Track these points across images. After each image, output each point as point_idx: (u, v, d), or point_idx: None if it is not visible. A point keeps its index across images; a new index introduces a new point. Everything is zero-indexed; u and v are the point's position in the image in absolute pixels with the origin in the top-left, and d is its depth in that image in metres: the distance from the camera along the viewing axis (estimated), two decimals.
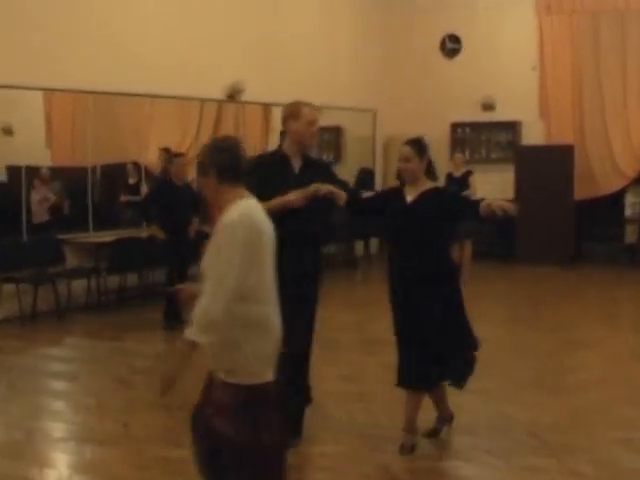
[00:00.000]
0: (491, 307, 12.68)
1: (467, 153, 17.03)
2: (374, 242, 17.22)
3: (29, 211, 11.91)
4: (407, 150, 6.07)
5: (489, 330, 10.99)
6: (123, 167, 13.58)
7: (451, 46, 17.51)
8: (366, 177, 17.27)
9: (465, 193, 14.14)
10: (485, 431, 6.67)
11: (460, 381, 6.32)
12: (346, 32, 16.92)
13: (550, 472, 5.81)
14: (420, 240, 5.99)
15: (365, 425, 6.81)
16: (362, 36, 17.21)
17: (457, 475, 5.85)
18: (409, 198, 6.08)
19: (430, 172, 6.16)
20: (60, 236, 11.91)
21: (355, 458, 6.07)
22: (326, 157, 16.15)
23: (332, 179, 6.53)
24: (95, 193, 12.81)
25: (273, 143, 6.34)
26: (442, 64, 17.53)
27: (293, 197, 6.05)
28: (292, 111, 6.39)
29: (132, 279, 12.57)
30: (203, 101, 14.32)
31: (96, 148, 12.81)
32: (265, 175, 6.12)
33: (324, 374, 7.98)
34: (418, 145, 6.10)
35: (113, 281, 12.20)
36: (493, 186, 16.09)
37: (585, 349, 9.56)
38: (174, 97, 13.44)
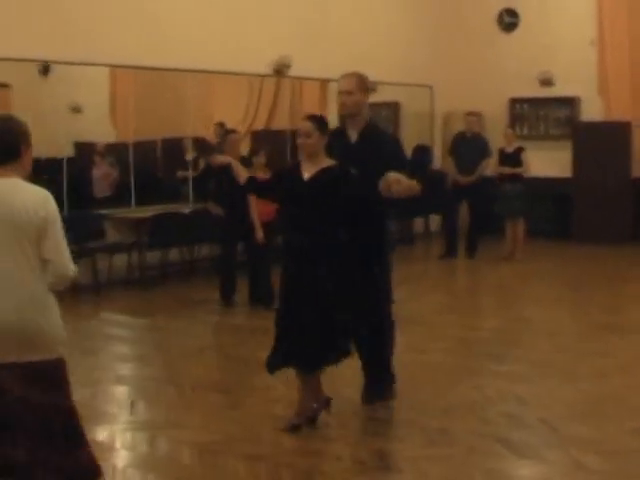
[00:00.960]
0: (538, 287, 12.55)
1: (525, 129, 16.82)
2: (434, 219, 17.08)
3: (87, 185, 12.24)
4: (308, 125, 5.99)
5: (528, 310, 10.89)
6: (181, 142, 13.67)
7: (508, 20, 17.17)
8: (423, 153, 16.96)
9: (518, 170, 14.00)
10: (496, 417, 6.51)
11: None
12: (401, 5, 16.72)
13: (554, 463, 5.66)
14: (315, 216, 5.93)
15: (368, 407, 6.70)
16: (418, 10, 16.97)
17: (452, 463, 5.64)
18: (306, 175, 6.01)
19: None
20: (105, 212, 12.02)
21: (353, 442, 6.00)
22: None
23: (383, 152, 6.47)
24: (137, 169, 12.93)
25: (330, 119, 6.57)
26: (499, 38, 17.21)
27: None
28: None
29: (174, 255, 12.66)
30: (263, 77, 14.37)
31: (157, 124, 13.03)
32: (328, 149, 6.17)
33: None
34: (319, 120, 6.05)
35: (154, 257, 12.25)
36: (551, 163, 15.85)
37: (618, 334, 9.29)
38: (231, 73, 13.52)
